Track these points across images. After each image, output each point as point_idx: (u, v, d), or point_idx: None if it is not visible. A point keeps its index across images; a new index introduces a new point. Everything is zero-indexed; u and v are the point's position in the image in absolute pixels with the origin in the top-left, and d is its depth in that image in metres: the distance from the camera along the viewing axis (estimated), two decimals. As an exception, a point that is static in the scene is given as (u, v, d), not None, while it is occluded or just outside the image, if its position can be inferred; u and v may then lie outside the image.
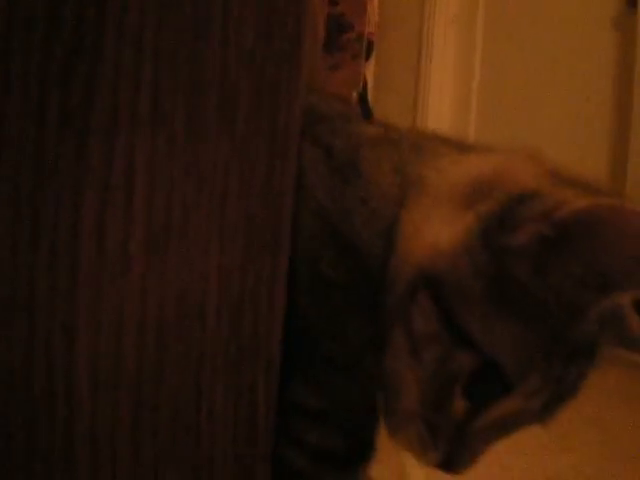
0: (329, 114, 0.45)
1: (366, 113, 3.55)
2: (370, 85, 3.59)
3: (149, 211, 0.36)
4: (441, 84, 3.62)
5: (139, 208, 0.36)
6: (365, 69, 3.59)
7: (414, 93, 3.64)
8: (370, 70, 3.56)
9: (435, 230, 0.38)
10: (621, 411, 1.93)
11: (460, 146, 0.43)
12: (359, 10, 3.01)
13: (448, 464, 0.41)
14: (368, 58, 3.53)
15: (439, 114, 3.62)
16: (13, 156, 0.34)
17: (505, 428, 0.41)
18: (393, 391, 0.41)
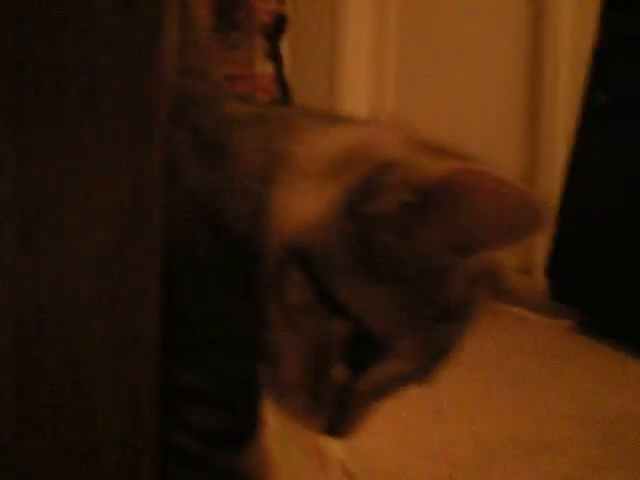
0: (197, 96, 0.45)
1: (283, 88, 3.53)
2: (287, 60, 3.58)
3: (20, 199, 0.36)
4: (357, 56, 3.63)
5: (8, 194, 0.36)
6: (280, 44, 3.58)
7: (330, 66, 3.65)
8: (286, 45, 3.55)
9: (302, 204, 0.39)
10: (542, 371, 1.99)
11: (329, 119, 0.44)
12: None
13: (332, 429, 0.42)
14: (282, 33, 3.51)
15: (356, 87, 3.64)
16: None
17: (385, 391, 0.43)
18: (275, 363, 0.42)
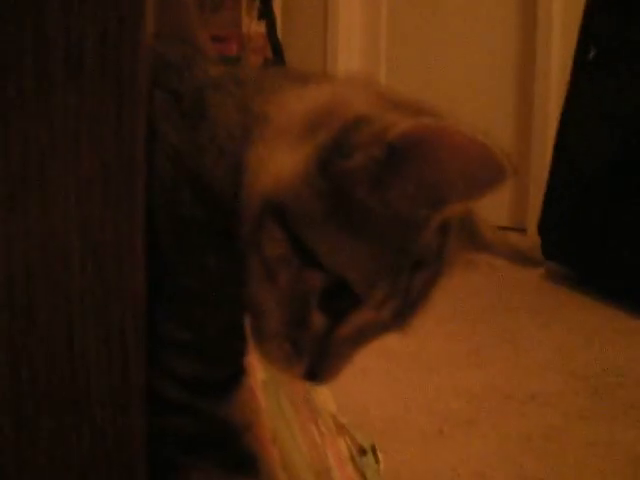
0: (176, 60, 0.47)
1: (276, 48, 3.51)
2: (279, 20, 3.56)
3: (6, 161, 0.38)
4: (350, 16, 3.60)
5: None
6: (272, 3, 3.55)
7: (323, 25, 3.63)
8: (278, 4, 3.53)
9: (277, 161, 0.41)
10: (532, 326, 2.02)
11: (302, 78, 0.45)
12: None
13: (312, 375, 0.45)
14: (273, -8, 3.48)
15: (348, 46, 3.62)
16: None
17: (362, 338, 0.45)
18: (256, 314, 0.44)
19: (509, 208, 3.26)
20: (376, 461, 1.03)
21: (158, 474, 0.44)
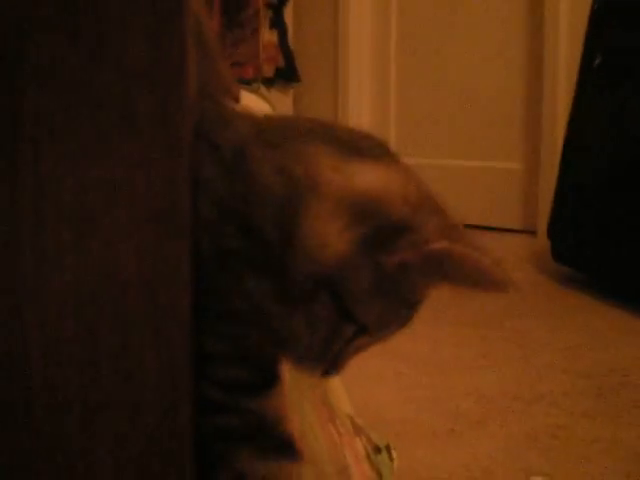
0: (216, 117, 0.54)
1: (287, 57, 3.58)
2: (290, 29, 3.62)
3: (76, 207, 0.46)
4: (360, 22, 3.66)
5: (68, 206, 0.46)
6: (284, 12, 3.62)
7: (334, 33, 3.69)
8: (289, 14, 3.60)
9: (331, 239, 0.49)
10: (541, 328, 2.07)
11: (347, 146, 0.51)
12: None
13: (326, 374, 0.55)
14: (284, 4, 3.55)
15: (359, 53, 3.68)
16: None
17: (362, 350, 0.55)
18: (290, 343, 0.53)
19: (519, 211, 3.31)
20: (390, 459, 1.09)
21: (207, 463, 0.53)
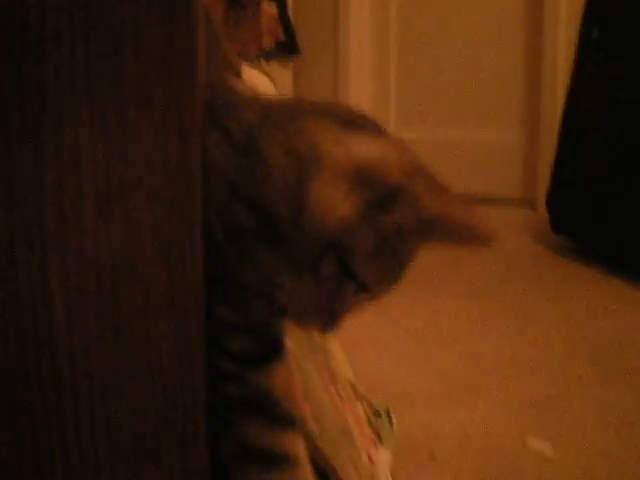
0: (224, 103, 0.58)
1: (287, 29, 3.58)
2: (290, 1, 3.62)
3: (95, 182, 0.50)
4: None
5: (87, 181, 0.49)
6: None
7: (334, 5, 3.69)
8: (289, -13, 3.59)
9: (337, 204, 0.53)
10: (539, 297, 2.11)
11: (346, 122, 0.56)
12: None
13: (325, 330, 0.59)
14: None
15: (359, 25, 3.68)
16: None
17: (355, 306, 0.59)
18: (295, 305, 0.57)
19: (519, 184, 3.34)
20: (390, 423, 1.13)
21: (217, 430, 0.57)
